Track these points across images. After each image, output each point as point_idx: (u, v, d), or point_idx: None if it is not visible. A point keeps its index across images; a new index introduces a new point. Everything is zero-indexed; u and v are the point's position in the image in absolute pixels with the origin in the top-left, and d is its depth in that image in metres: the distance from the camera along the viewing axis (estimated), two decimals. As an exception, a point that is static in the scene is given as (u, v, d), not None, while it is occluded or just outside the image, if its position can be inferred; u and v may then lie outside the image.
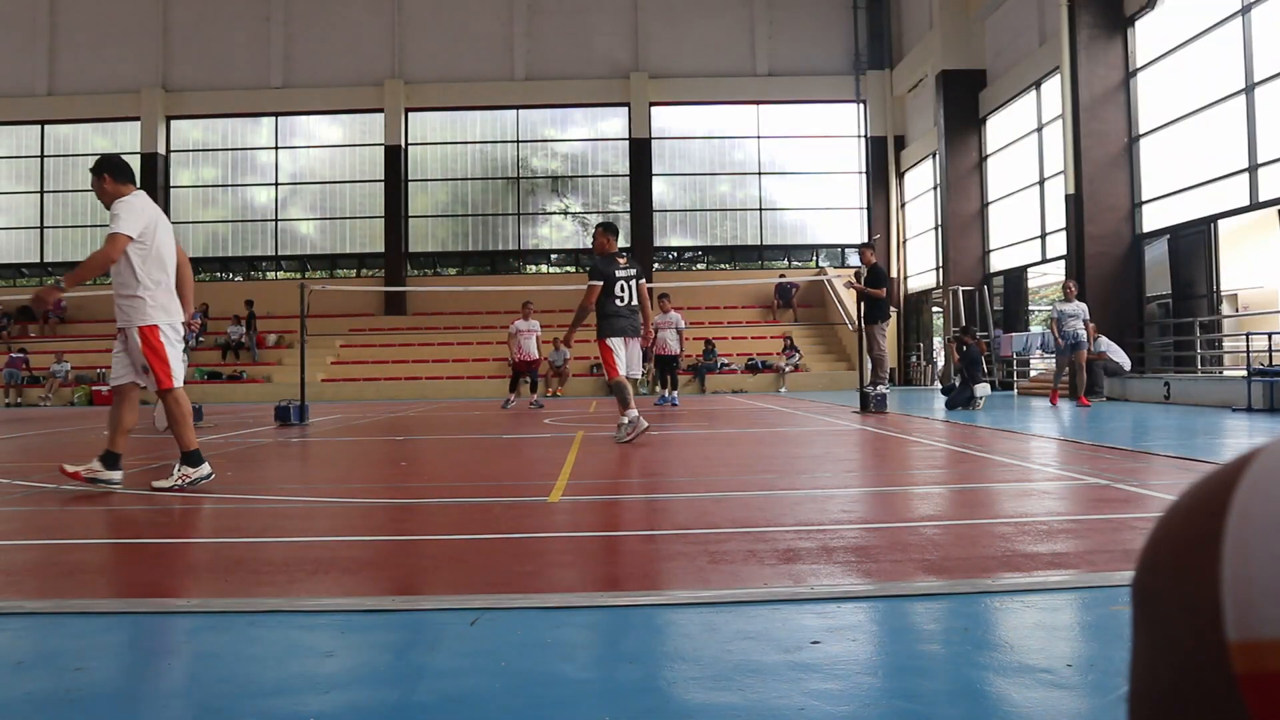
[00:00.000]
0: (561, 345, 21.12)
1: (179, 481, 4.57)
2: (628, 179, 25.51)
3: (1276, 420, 8.57)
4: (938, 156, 20.68)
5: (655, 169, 25.52)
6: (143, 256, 4.61)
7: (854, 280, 10.94)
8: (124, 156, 5.02)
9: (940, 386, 14.36)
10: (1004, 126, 19.07)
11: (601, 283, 7.14)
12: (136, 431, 5.09)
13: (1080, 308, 11.65)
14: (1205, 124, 12.84)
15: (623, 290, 7.20)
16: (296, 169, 26.10)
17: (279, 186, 25.99)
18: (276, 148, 25.99)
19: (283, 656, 1.93)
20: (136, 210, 4.74)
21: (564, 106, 25.58)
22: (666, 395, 14.19)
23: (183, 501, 4.42)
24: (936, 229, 21.45)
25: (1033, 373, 18.08)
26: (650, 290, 9.16)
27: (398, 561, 2.90)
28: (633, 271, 7.32)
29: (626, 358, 7.22)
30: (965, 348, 11.72)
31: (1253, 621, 0.33)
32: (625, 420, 6.88)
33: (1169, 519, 0.39)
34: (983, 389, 11.31)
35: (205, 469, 4.68)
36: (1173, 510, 0.39)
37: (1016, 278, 18.89)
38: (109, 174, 5.00)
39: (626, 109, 25.30)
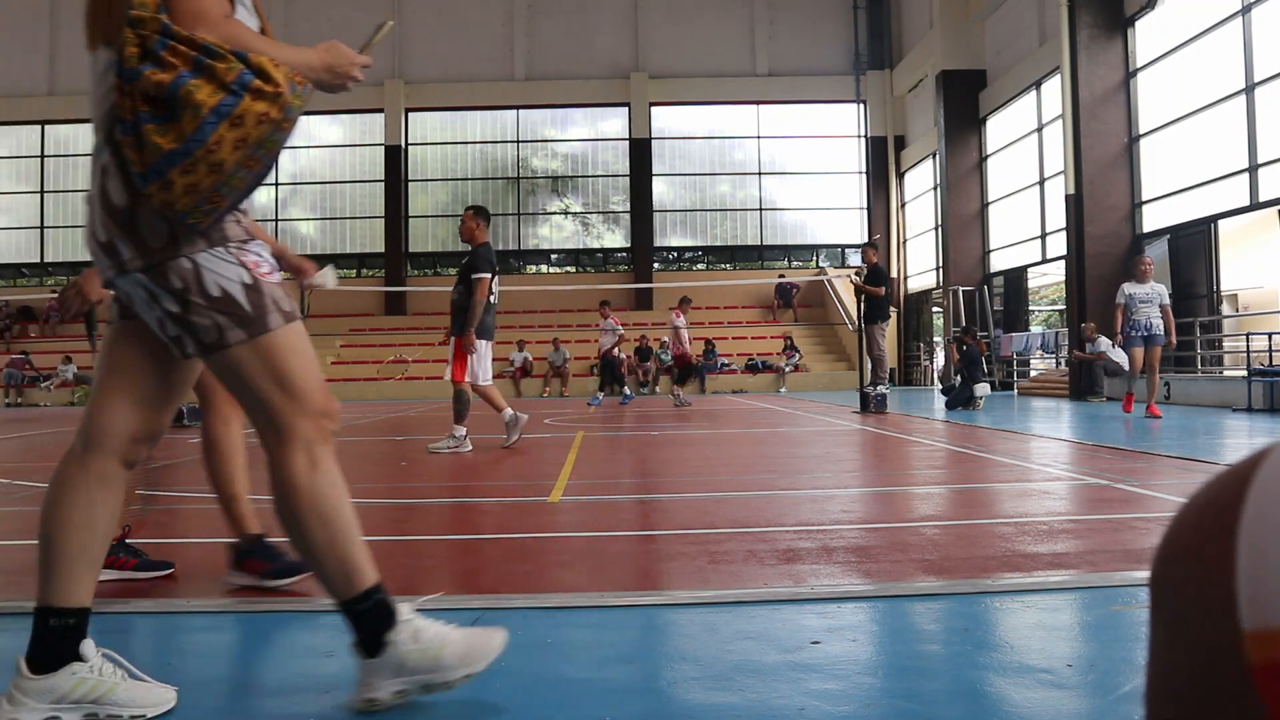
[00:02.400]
0: (560, 345, 21.16)
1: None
2: (628, 179, 25.51)
3: (1277, 420, 8.57)
4: (938, 156, 20.68)
5: (655, 169, 25.52)
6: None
7: (854, 277, 10.99)
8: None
9: (940, 387, 14.36)
10: (1004, 126, 19.07)
11: (489, 275, 6.46)
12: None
13: (1157, 290, 8.89)
14: (1205, 124, 12.83)
15: (496, 285, 6.67)
16: (297, 169, 26.10)
17: (279, 186, 25.99)
18: (276, 148, 25.98)
19: (283, 656, 1.93)
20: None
21: (564, 106, 25.57)
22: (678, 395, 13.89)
23: (183, 502, 4.42)
24: (936, 229, 21.45)
25: (1033, 373, 18.08)
26: (646, 291, 9.06)
27: (398, 561, 2.90)
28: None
29: (488, 362, 6.70)
30: (965, 347, 11.73)
31: (1266, 611, 0.34)
32: (453, 434, 6.45)
33: (1185, 513, 0.40)
34: (982, 389, 11.32)
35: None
36: (1189, 505, 0.40)
37: (1016, 278, 18.89)
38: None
39: (627, 109, 25.29)
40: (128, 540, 2.62)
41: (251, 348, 1.52)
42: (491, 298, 6.53)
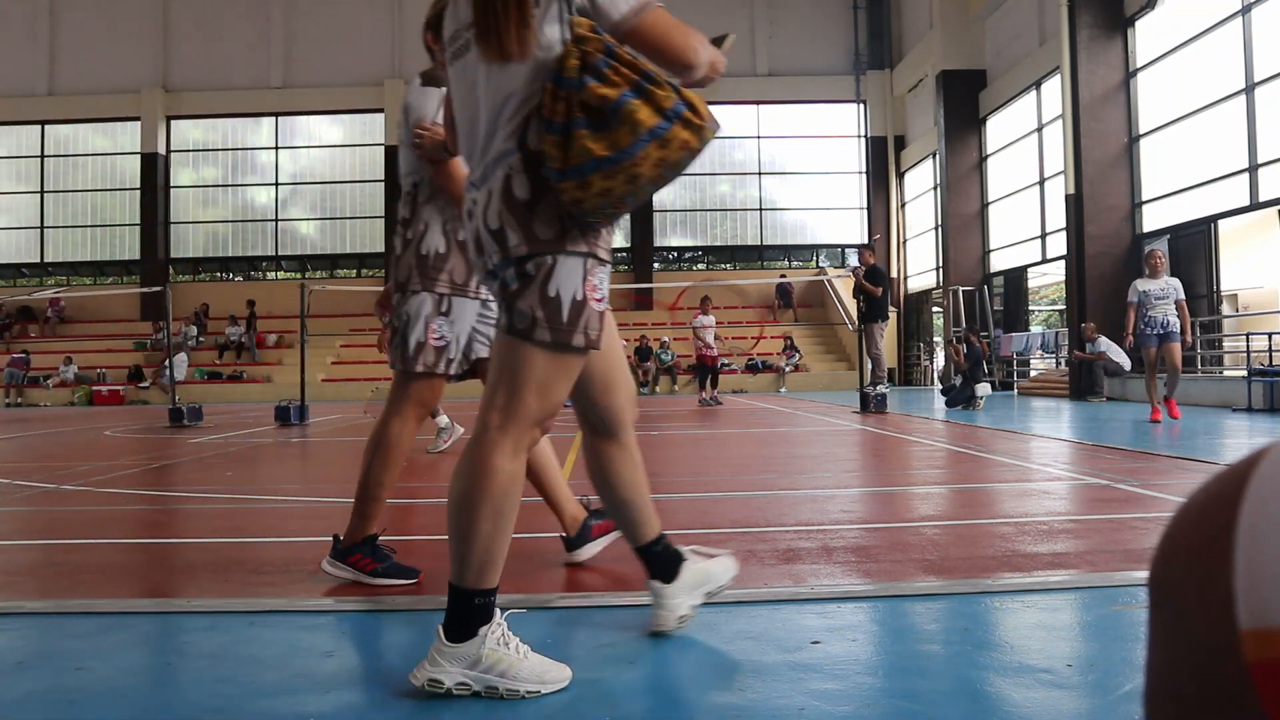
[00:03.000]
0: None
1: None
2: (628, 179, 25.47)
3: (1277, 420, 8.57)
4: (938, 156, 20.68)
5: (655, 169, 25.48)
6: None
7: (856, 274, 11.00)
8: (123, 156, 5.10)
9: (940, 387, 14.37)
10: (1004, 126, 19.07)
11: None
12: (152, 431, 5.07)
13: (1171, 285, 8.25)
14: (1205, 124, 12.83)
15: None
16: (297, 169, 26.09)
17: (279, 186, 25.99)
18: (277, 148, 25.99)
19: (283, 656, 1.93)
20: None
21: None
22: (707, 398, 13.90)
23: (183, 502, 4.43)
24: (936, 229, 21.45)
25: (1033, 373, 18.08)
26: (646, 291, 9.02)
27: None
28: None
29: None
30: (969, 346, 11.73)
31: (1264, 610, 0.34)
32: (440, 426, 6.79)
33: (1184, 513, 0.40)
34: (983, 388, 11.33)
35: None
36: (1188, 504, 0.40)
37: (1016, 278, 18.89)
38: None
39: (626, 109, 25.26)
40: (378, 542, 2.57)
41: (547, 352, 1.67)
42: None
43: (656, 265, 25.42)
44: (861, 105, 25.22)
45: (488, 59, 1.68)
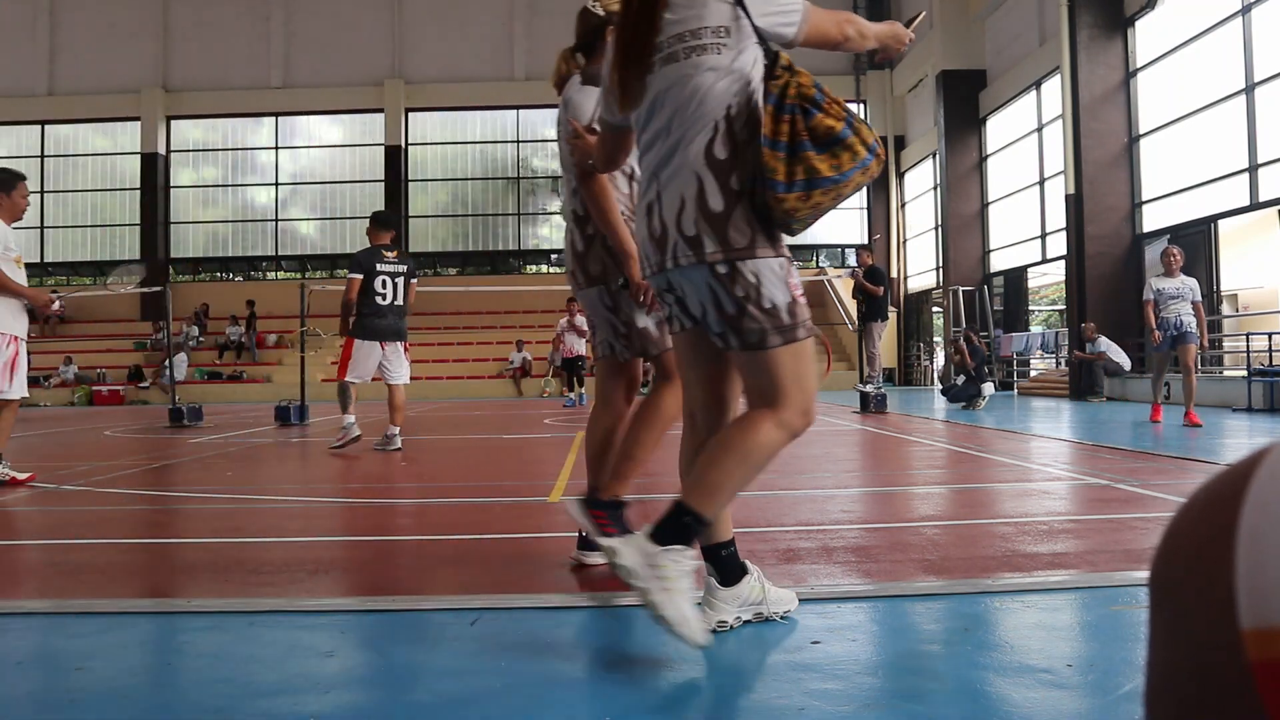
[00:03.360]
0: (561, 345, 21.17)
1: None
2: (628, 179, 25.48)
3: (1277, 420, 8.57)
4: (938, 156, 20.68)
5: (655, 169, 25.50)
6: None
7: (855, 274, 11.02)
8: (123, 156, 5.14)
9: (940, 387, 14.37)
10: (1004, 126, 19.07)
11: (360, 275, 6.67)
12: (152, 431, 5.08)
13: (1188, 285, 7.88)
14: (1205, 124, 12.83)
15: (385, 287, 6.71)
16: (297, 169, 26.10)
17: (279, 186, 25.99)
18: (277, 148, 26.00)
19: (283, 656, 1.93)
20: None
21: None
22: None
23: (183, 502, 4.43)
24: (936, 229, 21.46)
25: (1033, 373, 18.09)
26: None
27: (397, 561, 2.90)
28: (402, 268, 6.80)
29: (365, 362, 6.75)
30: (971, 346, 11.73)
31: (1265, 610, 0.34)
32: (342, 425, 6.68)
33: (1185, 513, 0.40)
34: (988, 388, 11.34)
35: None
36: (1189, 504, 0.40)
37: (1016, 278, 18.89)
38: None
39: (626, 109, 25.28)
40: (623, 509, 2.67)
41: (786, 351, 1.87)
42: (379, 299, 6.71)
43: (656, 265, 25.38)
44: (861, 105, 25.23)
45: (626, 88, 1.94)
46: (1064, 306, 17.11)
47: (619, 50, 1.93)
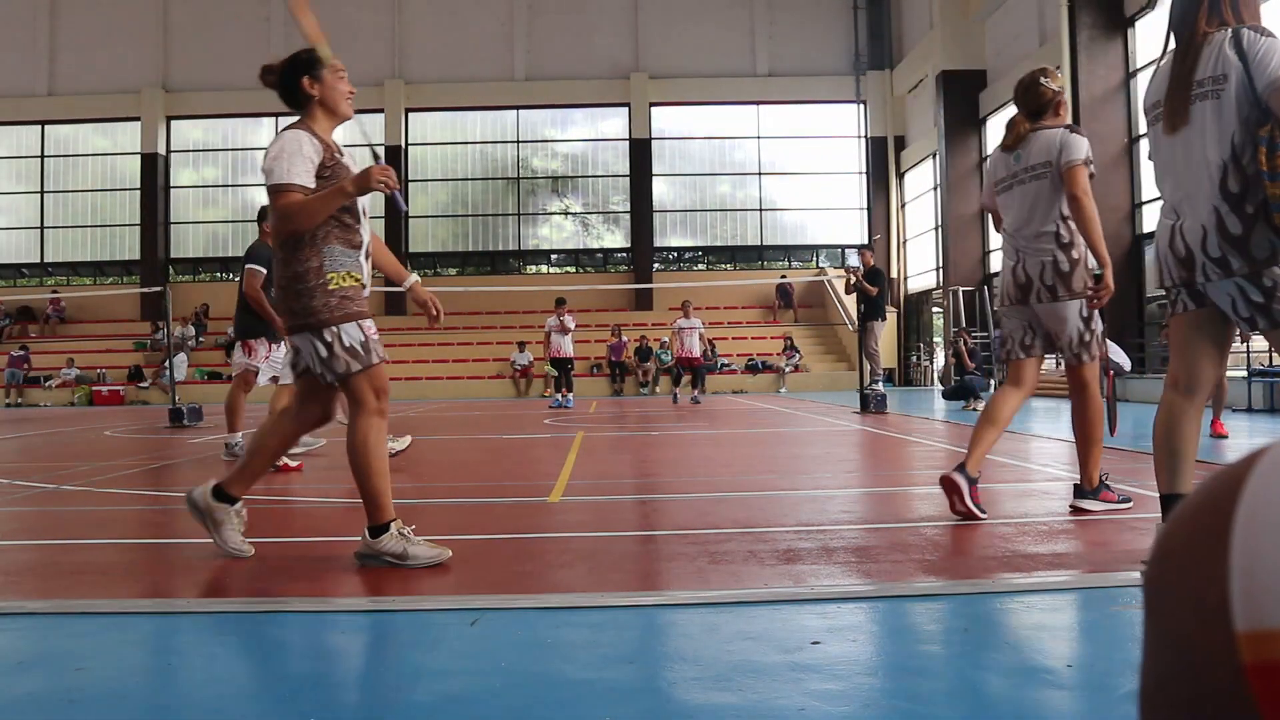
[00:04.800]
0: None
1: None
2: (628, 179, 25.51)
3: (1277, 421, 8.57)
4: (938, 157, 20.68)
5: (655, 169, 25.51)
6: None
7: (854, 273, 11.02)
8: (123, 156, 5.14)
9: (943, 389, 14.37)
10: (1004, 126, 19.05)
11: (265, 270, 6.00)
12: (146, 431, 5.07)
13: None
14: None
15: None
16: (297, 169, 26.09)
17: (279, 187, 25.99)
18: (277, 148, 26.00)
19: (283, 656, 1.93)
20: None
21: (564, 107, 25.57)
22: (682, 394, 14.12)
23: (183, 502, 4.42)
24: (936, 229, 21.46)
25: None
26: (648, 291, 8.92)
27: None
28: None
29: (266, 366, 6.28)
30: (970, 345, 11.73)
31: (1259, 612, 0.34)
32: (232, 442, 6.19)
33: (1179, 515, 0.40)
34: (986, 383, 11.35)
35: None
36: (1183, 506, 0.40)
37: (1017, 278, 18.88)
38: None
39: (627, 109, 25.29)
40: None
41: None
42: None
43: (657, 265, 25.42)
44: (861, 105, 25.23)
45: (1169, 131, 2.42)
46: (1064, 307, 17.09)
47: (1170, 91, 2.42)
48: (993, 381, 11.60)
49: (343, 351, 2.72)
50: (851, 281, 11.05)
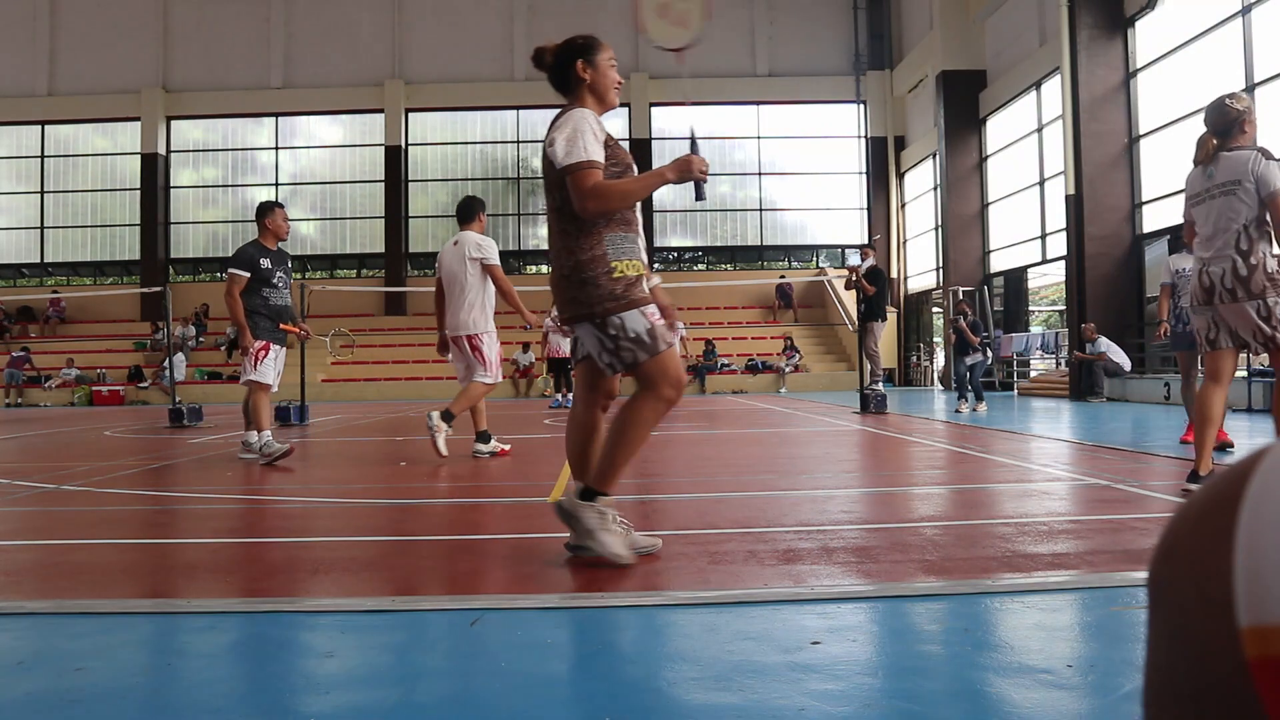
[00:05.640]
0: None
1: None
2: (628, 179, 25.50)
3: (1277, 421, 8.56)
4: (938, 157, 20.68)
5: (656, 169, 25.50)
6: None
7: (854, 273, 11.02)
8: (123, 156, 5.15)
9: (941, 387, 14.36)
10: (1004, 127, 19.07)
11: (247, 274, 6.12)
12: (144, 431, 5.07)
13: None
14: (1205, 124, 12.82)
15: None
16: (297, 169, 26.11)
17: (279, 187, 26.00)
18: (277, 148, 26.01)
19: (283, 656, 1.93)
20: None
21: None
22: None
23: (183, 502, 4.43)
24: (936, 229, 21.46)
25: (1033, 373, 18.08)
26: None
27: (398, 561, 2.90)
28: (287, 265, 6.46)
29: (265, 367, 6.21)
30: (970, 319, 11.56)
31: (1264, 608, 0.34)
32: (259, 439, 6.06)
33: (1184, 511, 0.40)
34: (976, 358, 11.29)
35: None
36: (1188, 503, 0.40)
37: (1017, 278, 18.89)
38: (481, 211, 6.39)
39: (627, 109, 25.29)
40: None
41: None
42: (270, 296, 6.17)
43: (657, 265, 25.41)
44: (861, 106, 25.23)
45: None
46: (1064, 307, 17.11)
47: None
48: (987, 354, 11.54)
49: (629, 342, 2.66)
50: (852, 279, 11.06)
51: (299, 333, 6.54)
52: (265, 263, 6.16)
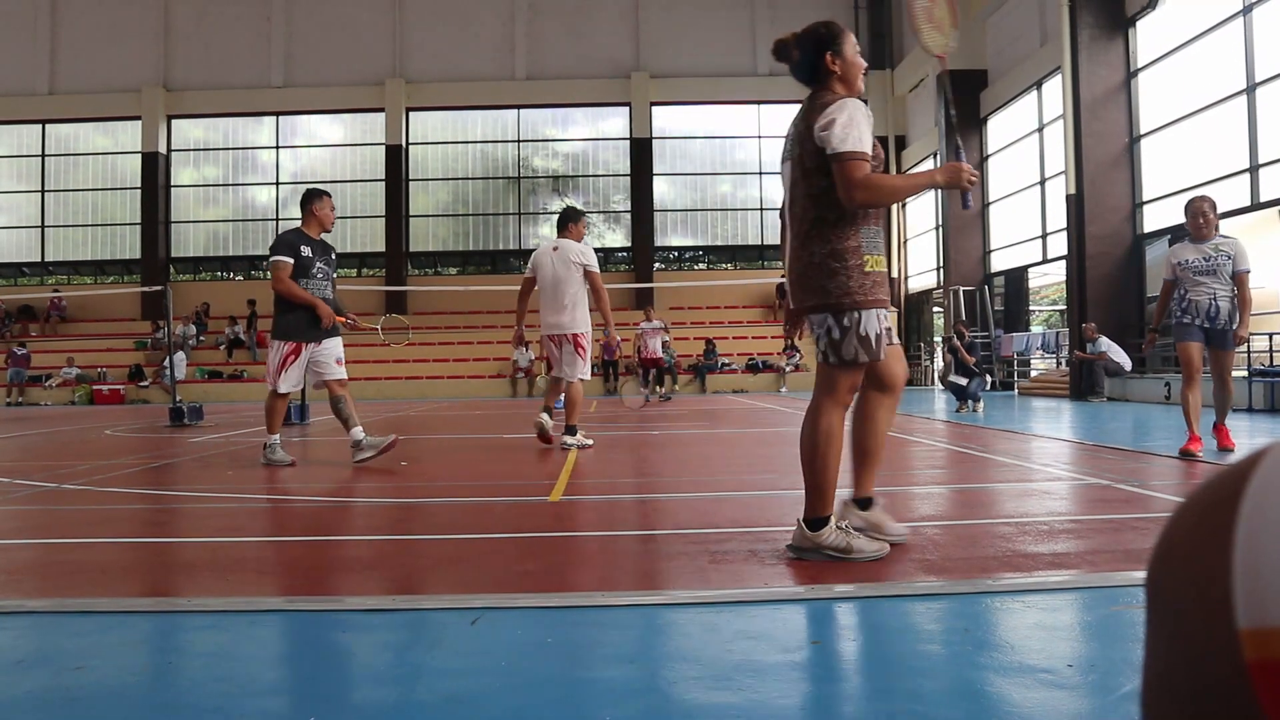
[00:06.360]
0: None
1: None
2: (628, 178, 25.51)
3: (1277, 421, 8.56)
4: (938, 157, 20.67)
5: (656, 168, 25.52)
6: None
7: None
8: (124, 155, 5.11)
9: (941, 386, 14.36)
10: (1005, 127, 19.07)
11: (291, 260, 5.79)
12: (146, 430, 5.06)
13: (1223, 252, 5.78)
14: (1206, 124, 12.83)
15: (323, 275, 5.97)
16: (297, 168, 26.10)
17: (280, 186, 26.00)
18: (277, 147, 26.00)
19: (283, 656, 1.93)
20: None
21: (565, 106, 25.57)
22: (649, 394, 15.09)
23: (183, 501, 4.43)
24: (937, 229, 21.46)
25: (1033, 373, 18.08)
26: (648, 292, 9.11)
27: (398, 561, 2.90)
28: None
29: (289, 371, 5.82)
30: (968, 342, 11.64)
31: (1262, 609, 0.34)
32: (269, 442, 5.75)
33: (1182, 512, 0.40)
34: (980, 384, 11.32)
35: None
36: (1186, 504, 0.40)
37: (1017, 278, 18.89)
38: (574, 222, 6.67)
39: (627, 108, 25.29)
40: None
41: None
42: (309, 287, 5.85)
43: (657, 265, 25.42)
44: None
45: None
46: (1064, 307, 17.11)
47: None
48: (985, 379, 11.55)
49: (856, 339, 2.66)
50: None
51: (346, 322, 6.23)
52: (306, 251, 5.92)
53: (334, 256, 6.24)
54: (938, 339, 22.17)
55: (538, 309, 6.74)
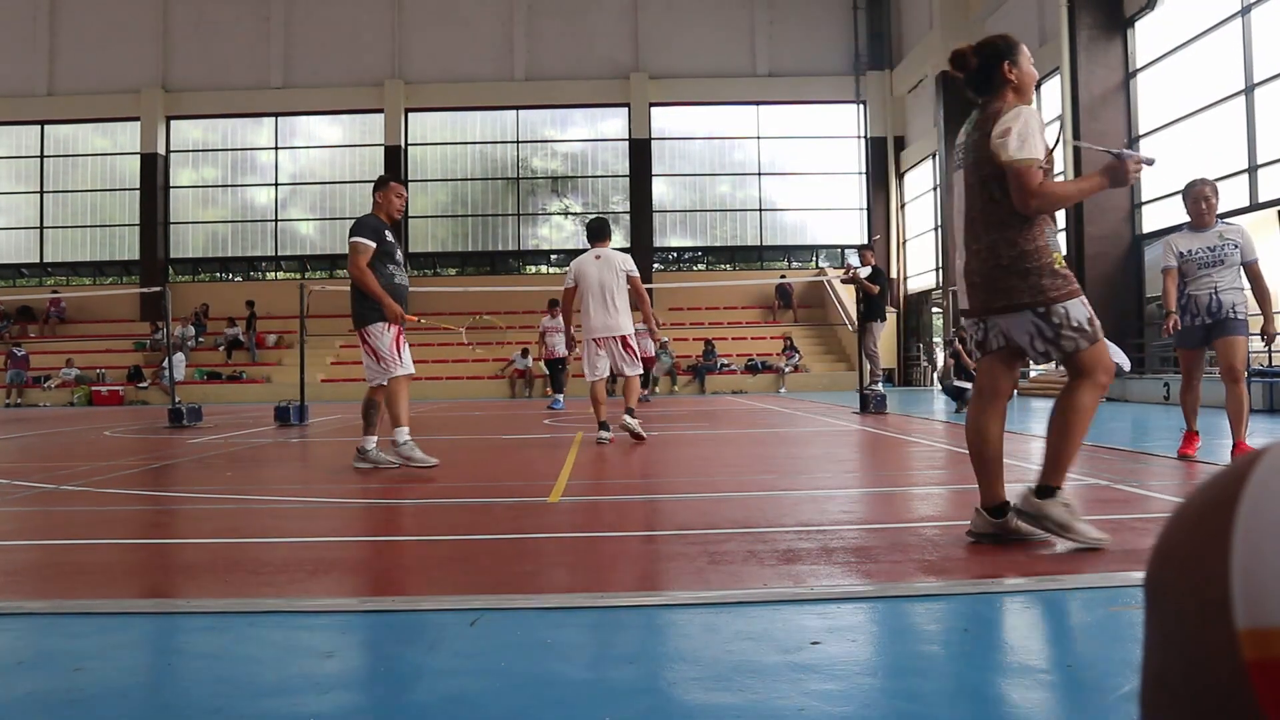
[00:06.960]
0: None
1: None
2: (628, 179, 25.51)
3: (1277, 421, 8.57)
4: (938, 157, 20.68)
5: (655, 169, 25.52)
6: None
7: (854, 273, 11.03)
8: (123, 156, 5.06)
9: (941, 386, 14.38)
10: (1004, 127, 19.06)
11: (374, 244, 5.29)
12: (146, 431, 5.06)
13: (1228, 240, 5.28)
14: (1205, 124, 12.84)
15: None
16: (296, 169, 26.10)
17: (279, 187, 25.99)
18: (277, 148, 25.99)
19: (283, 656, 1.93)
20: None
21: (564, 107, 25.57)
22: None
23: (183, 502, 4.43)
24: (936, 229, 21.46)
25: (1033, 373, 18.07)
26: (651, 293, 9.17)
27: (397, 561, 2.90)
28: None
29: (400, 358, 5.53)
30: (967, 345, 11.72)
31: (1261, 610, 0.34)
32: (370, 447, 5.54)
33: (1181, 513, 0.40)
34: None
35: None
36: (1185, 505, 0.40)
37: (1016, 278, 18.89)
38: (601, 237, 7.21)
39: (626, 109, 25.30)
40: None
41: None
42: (395, 274, 5.46)
43: (657, 265, 25.41)
44: (861, 105, 25.22)
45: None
46: (1064, 307, 17.10)
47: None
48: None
49: (1071, 330, 2.77)
50: (847, 274, 11.13)
51: (414, 320, 5.81)
52: (389, 235, 5.41)
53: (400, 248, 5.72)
54: (937, 339, 22.18)
55: (537, 312, 6.81)
